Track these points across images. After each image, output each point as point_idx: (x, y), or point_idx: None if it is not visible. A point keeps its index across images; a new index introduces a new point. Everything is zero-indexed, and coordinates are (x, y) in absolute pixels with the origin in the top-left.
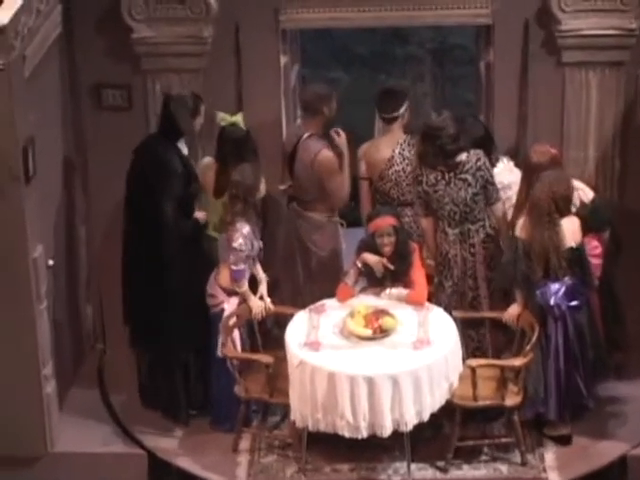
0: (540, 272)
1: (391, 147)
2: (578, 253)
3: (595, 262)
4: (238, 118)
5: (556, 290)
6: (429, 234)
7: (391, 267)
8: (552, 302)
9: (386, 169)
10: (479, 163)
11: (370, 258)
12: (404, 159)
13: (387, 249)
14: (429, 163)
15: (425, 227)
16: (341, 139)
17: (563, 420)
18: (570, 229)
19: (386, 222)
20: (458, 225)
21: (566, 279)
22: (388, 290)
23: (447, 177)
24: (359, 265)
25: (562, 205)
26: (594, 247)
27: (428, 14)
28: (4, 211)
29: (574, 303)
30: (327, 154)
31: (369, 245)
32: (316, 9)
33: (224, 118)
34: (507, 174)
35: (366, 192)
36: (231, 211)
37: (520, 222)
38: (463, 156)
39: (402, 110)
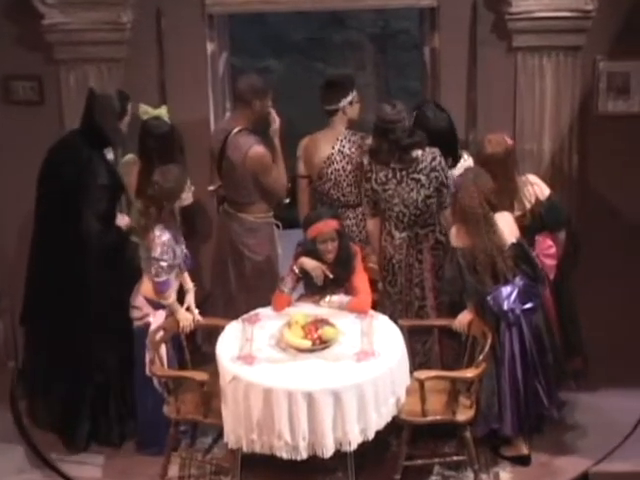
0: (489, 280)
1: (330, 143)
2: (521, 248)
3: (549, 262)
4: (162, 111)
5: (508, 294)
6: (375, 236)
7: (330, 275)
8: (506, 307)
9: (325, 167)
10: (434, 163)
11: (308, 263)
12: (344, 157)
13: (330, 255)
14: (383, 159)
15: (371, 229)
16: (275, 125)
17: (522, 435)
18: (506, 225)
19: (329, 226)
20: (406, 228)
21: (517, 280)
22: (328, 297)
23: (399, 176)
24: (296, 271)
25: (493, 199)
26: (548, 247)
27: None
28: None
29: (529, 305)
30: (259, 149)
31: (309, 250)
32: None
33: (146, 111)
34: None
35: (305, 192)
36: (145, 215)
37: (453, 231)
38: (418, 152)
39: (343, 103)
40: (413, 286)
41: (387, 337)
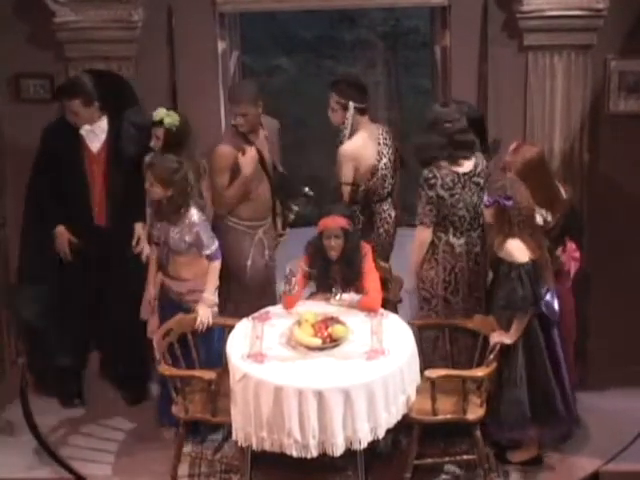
0: (547, 284)
1: (374, 139)
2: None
3: (575, 265)
4: (167, 119)
5: (552, 298)
6: (424, 247)
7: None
8: (557, 307)
9: (377, 163)
10: (483, 165)
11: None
12: (389, 148)
13: (333, 253)
14: (433, 155)
15: (425, 239)
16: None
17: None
18: None
19: (336, 222)
20: (464, 233)
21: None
22: (339, 295)
23: (462, 180)
24: (305, 268)
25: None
26: (574, 250)
27: None
28: None
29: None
30: (221, 148)
31: (316, 246)
32: None
33: (159, 114)
34: None
35: (351, 199)
36: None
37: (514, 245)
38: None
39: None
40: (473, 291)
41: (397, 336)
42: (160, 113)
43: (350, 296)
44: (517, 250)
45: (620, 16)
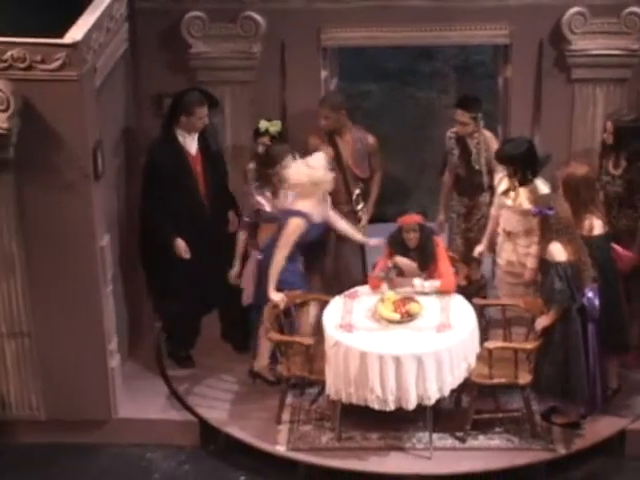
0: (588, 283)
1: None
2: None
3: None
4: (273, 127)
5: (594, 295)
6: None
7: (414, 264)
8: (597, 304)
9: None
10: None
11: (401, 261)
12: None
13: (412, 242)
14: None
15: None
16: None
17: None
18: None
19: (412, 219)
20: None
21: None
22: (425, 283)
23: None
24: (390, 265)
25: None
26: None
27: (453, 34)
28: (76, 205)
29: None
30: (311, 137)
31: (396, 238)
32: (353, 29)
33: (264, 125)
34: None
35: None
36: None
37: (556, 247)
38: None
39: None
40: None
41: (462, 313)
42: (264, 124)
43: (431, 283)
44: (556, 251)
45: None
